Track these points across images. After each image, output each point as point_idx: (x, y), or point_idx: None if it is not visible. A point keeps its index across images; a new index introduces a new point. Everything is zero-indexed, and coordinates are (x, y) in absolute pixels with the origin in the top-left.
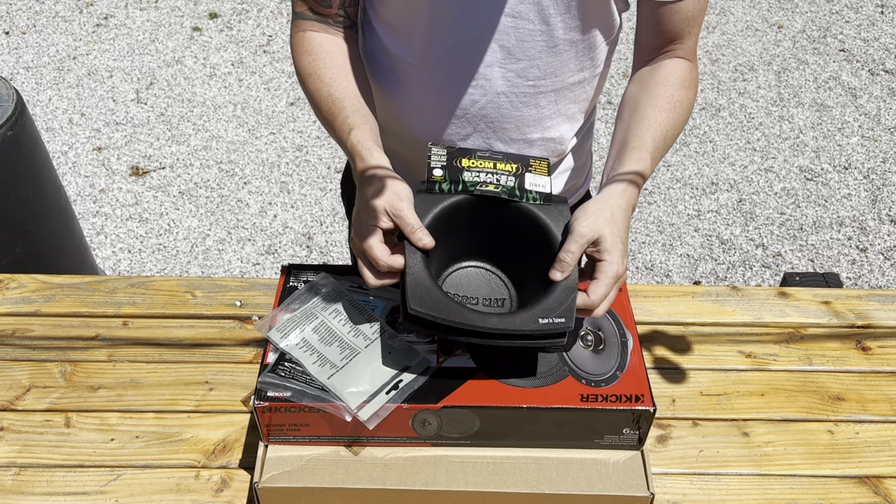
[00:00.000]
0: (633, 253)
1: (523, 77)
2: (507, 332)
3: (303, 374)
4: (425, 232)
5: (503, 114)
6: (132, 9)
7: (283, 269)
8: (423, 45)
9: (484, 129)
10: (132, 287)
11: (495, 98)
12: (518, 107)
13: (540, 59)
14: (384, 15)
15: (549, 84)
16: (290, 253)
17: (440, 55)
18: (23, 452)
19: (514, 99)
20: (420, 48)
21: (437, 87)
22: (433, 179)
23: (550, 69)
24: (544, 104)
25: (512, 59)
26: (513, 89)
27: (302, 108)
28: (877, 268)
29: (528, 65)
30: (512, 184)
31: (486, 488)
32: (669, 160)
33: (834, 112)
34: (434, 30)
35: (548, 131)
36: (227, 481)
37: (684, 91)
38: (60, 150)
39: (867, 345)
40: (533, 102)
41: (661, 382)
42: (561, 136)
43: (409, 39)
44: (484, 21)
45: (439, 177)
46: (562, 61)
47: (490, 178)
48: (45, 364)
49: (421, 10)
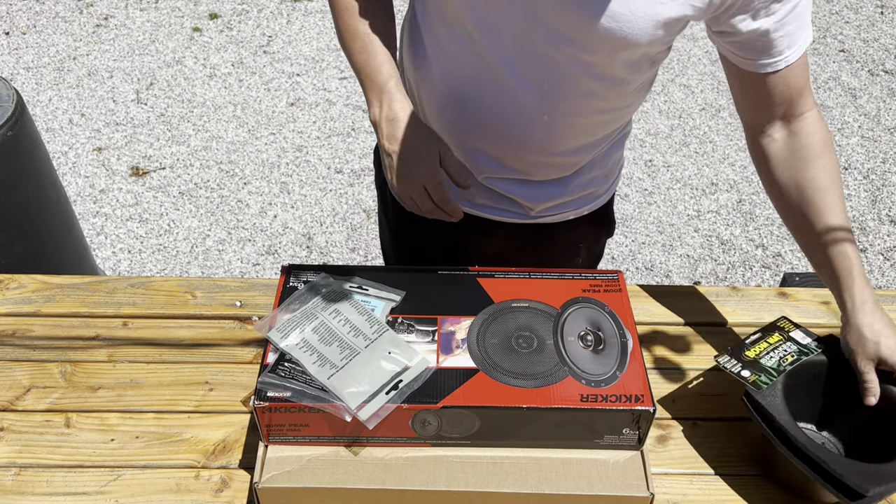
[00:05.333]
0: (633, 253)
1: (550, 112)
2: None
3: (303, 374)
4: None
5: (529, 135)
6: (132, 9)
7: (283, 269)
8: (469, 45)
9: (505, 144)
10: (132, 287)
11: (516, 117)
12: (541, 128)
13: (570, 102)
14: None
15: (573, 121)
16: (290, 253)
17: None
18: (23, 453)
19: (530, 122)
20: (466, 49)
21: (488, 103)
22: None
23: (578, 109)
24: (563, 136)
25: (546, 97)
26: (538, 117)
27: (302, 109)
28: (877, 268)
29: (558, 104)
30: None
31: (486, 488)
32: (669, 160)
33: (834, 112)
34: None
35: (564, 155)
36: (227, 481)
37: (831, 155)
38: (60, 151)
39: None
40: (559, 125)
41: (661, 382)
42: (576, 156)
43: (458, 46)
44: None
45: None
46: (589, 105)
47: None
48: (45, 364)
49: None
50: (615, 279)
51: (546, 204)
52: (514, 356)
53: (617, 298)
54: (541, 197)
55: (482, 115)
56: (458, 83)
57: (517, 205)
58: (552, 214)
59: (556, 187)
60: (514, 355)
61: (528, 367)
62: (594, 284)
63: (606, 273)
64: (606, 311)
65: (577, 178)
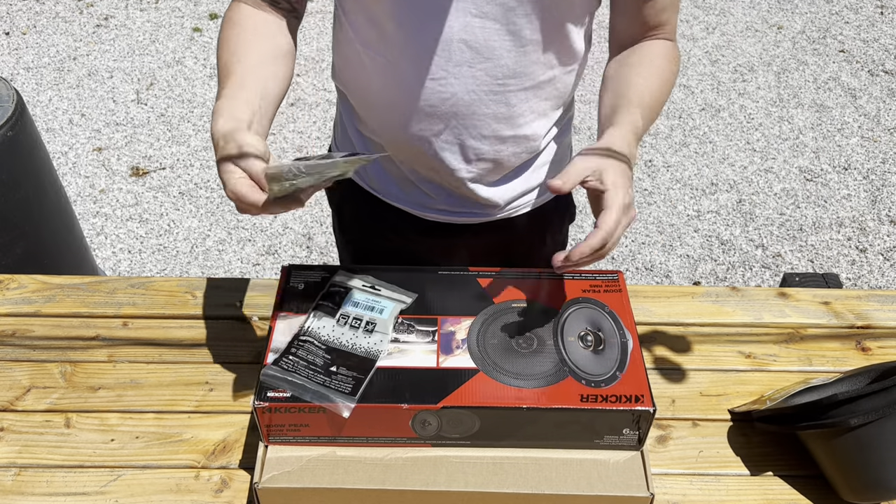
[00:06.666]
0: (633, 253)
1: (492, 76)
2: None
3: (306, 367)
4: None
5: (473, 111)
6: (132, 9)
7: (283, 269)
8: (389, 42)
9: (455, 125)
10: (132, 287)
11: (465, 96)
12: (488, 104)
13: (508, 59)
14: (352, 12)
15: (519, 83)
16: (290, 253)
17: (407, 54)
18: (23, 453)
19: (484, 97)
20: (387, 46)
21: (407, 84)
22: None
23: (519, 68)
24: (515, 102)
25: (480, 59)
26: (482, 87)
27: (302, 109)
28: (876, 268)
29: (495, 64)
30: None
31: (486, 489)
32: (669, 161)
33: (833, 113)
34: (401, 30)
35: (520, 129)
36: (227, 482)
37: (668, 63)
38: (60, 151)
39: (867, 345)
40: (503, 101)
41: (661, 382)
42: (534, 132)
43: (377, 37)
44: (451, 22)
45: None
46: (531, 60)
47: None
48: (45, 364)
49: (386, 11)
50: (615, 279)
51: (509, 196)
52: (514, 356)
53: (617, 298)
54: (504, 192)
55: (434, 103)
56: (401, 79)
57: (480, 205)
58: (515, 209)
59: (517, 178)
60: (514, 355)
61: (528, 368)
62: (594, 285)
63: (606, 273)
64: (606, 312)
65: (535, 162)
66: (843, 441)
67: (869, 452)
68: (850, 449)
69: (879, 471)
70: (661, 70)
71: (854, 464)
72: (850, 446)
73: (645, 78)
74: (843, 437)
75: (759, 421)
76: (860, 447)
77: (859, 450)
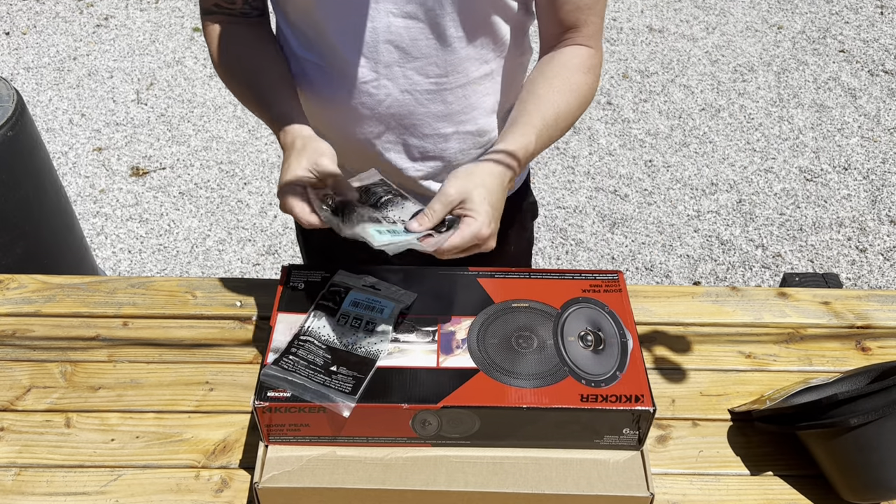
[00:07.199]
0: (633, 253)
1: (423, 75)
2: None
3: (306, 367)
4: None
5: (411, 111)
6: (132, 9)
7: (283, 269)
8: (322, 46)
9: (395, 126)
10: (132, 287)
11: (400, 97)
12: (424, 104)
13: (437, 57)
14: (287, 17)
15: (454, 80)
16: (290, 253)
17: (338, 57)
18: (23, 453)
19: (420, 97)
20: (320, 50)
21: (342, 87)
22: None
23: (450, 66)
24: (452, 100)
25: (409, 59)
26: (416, 87)
27: None
28: (876, 268)
29: (425, 63)
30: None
31: (486, 488)
32: (669, 161)
33: (833, 113)
34: (328, 32)
35: (463, 125)
36: (228, 481)
37: (583, 75)
38: (61, 151)
39: (867, 345)
40: (439, 99)
41: (661, 382)
42: (480, 128)
43: (310, 41)
44: (374, 24)
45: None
46: (461, 57)
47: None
48: (45, 364)
49: (311, 12)
50: (615, 279)
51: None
52: (514, 356)
53: (617, 298)
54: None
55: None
56: (336, 83)
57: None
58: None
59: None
60: (514, 355)
61: (528, 367)
62: (594, 284)
63: (606, 273)
64: (606, 311)
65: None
66: (843, 441)
67: (869, 452)
68: (850, 449)
69: (879, 471)
70: (576, 86)
71: (854, 464)
72: (850, 446)
73: (557, 92)
74: (843, 437)
75: (759, 421)
76: (860, 447)
77: (859, 450)
